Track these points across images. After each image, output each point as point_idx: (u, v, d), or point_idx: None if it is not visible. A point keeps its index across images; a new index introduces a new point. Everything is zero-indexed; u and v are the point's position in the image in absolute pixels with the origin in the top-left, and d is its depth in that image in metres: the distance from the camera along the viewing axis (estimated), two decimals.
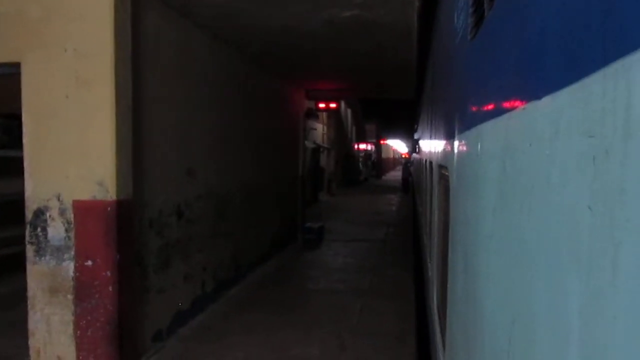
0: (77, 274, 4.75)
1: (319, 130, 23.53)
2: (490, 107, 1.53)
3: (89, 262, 4.74)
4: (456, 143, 2.53)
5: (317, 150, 22.24)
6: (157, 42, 5.66)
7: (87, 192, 4.69)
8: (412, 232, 14.31)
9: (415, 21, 6.71)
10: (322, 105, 13.10)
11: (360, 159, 42.16)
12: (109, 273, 4.74)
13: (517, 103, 1.15)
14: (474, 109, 1.94)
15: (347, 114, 34.93)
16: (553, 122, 0.86)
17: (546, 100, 0.90)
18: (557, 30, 0.88)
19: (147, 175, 5.49)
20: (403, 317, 6.88)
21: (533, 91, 1.01)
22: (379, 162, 51.08)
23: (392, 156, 72.83)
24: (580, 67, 0.73)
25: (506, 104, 1.27)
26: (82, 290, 4.76)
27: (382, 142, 53.10)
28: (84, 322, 4.78)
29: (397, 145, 69.33)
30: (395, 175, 57.60)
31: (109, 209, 4.69)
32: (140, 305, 5.43)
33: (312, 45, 7.76)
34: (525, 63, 1.12)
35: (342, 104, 30.28)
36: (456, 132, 2.55)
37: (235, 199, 8.20)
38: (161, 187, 5.81)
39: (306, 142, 19.54)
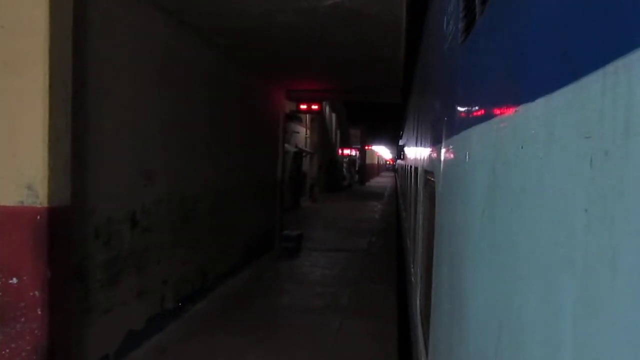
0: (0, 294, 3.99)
1: (302, 134, 22.85)
2: (481, 110, 1.50)
3: (14, 280, 3.98)
4: (443, 148, 2.52)
5: (299, 154, 21.55)
6: (107, 26, 4.94)
7: (12, 196, 3.93)
8: (395, 242, 13.70)
9: (404, 14, 6.10)
10: (303, 106, 12.42)
11: (344, 165, 41.59)
12: (37, 293, 3.98)
13: (509, 106, 1.15)
14: (463, 113, 1.92)
15: (332, 118, 34.31)
16: (547, 124, 0.86)
17: (540, 102, 0.89)
18: (552, 32, 0.88)
19: (93, 177, 4.76)
20: (384, 339, 6.22)
21: (526, 93, 1.00)
22: (363, 168, 50.53)
23: (376, 162, 72.43)
24: (577, 68, 0.72)
25: (498, 107, 1.26)
26: (5, 313, 3.99)
27: (366, 147, 52.64)
28: (7, 350, 4.01)
29: (382, 152, 69.11)
30: (379, 181, 57.21)
31: (38, 217, 3.94)
32: (82, 327, 4.69)
33: (291, 37, 7.09)
34: (518, 66, 1.11)
35: (327, 108, 29.67)
36: (444, 137, 2.54)
37: (202, 204, 7.47)
38: (111, 191, 5.07)
39: (287, 145, 18.86)
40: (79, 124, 4.47)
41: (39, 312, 3.99)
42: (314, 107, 12.33)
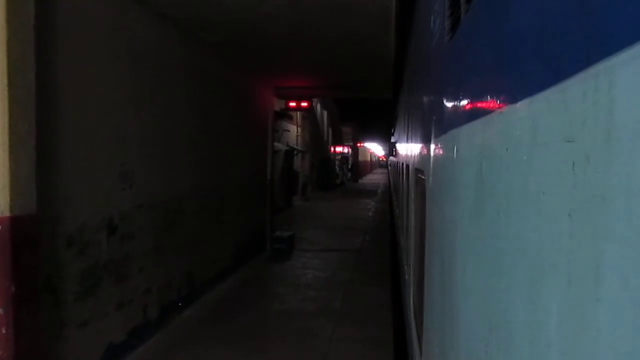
0: None
1: (293, 132, 22.53)
2: (467, 110, 1.51)
3: None
4: (432, 147, 2.52)
5: (290, 152, 21.21)
6: (77, 19, 4.60)
7: None
8: (389, 241, 13.43)
9: (394, 4, 5.80)
10: (292, 104, 12.10)
11: (337, 163, 41.30)
12: (1, 310, 3.66)
13: (493, 106, 1.14)
14: (450, 112, 1.91)
15: (323, 116, 34.00)
16: (531, 126, 0.85)
17: (523, 104, 0.89)
18: (536, 32, 0.86)
19: (64, 181, 4.43)
20: (379, 346, 5.94)
21: (510, 95, 1.01)
22: (356, 166, 50.26)
23: (369, 159, 72.21)
24: (559, 70, 0.72)
25: (483, 108, 1.26)
26: None
27: (359, 145, 52.37)
28: None
29: (375, 149, 68.94)
30: (372, 178, 57.00)
31: (0, 227, 3.62)
32: (57, 343, 4.37)
33: (276, 30, 6.77)
34: (502, 66, 1.10)
35: (318, 106, 29.36)
36: (432, 136, 2.53)
37: (188, 206, 7.14)
38: (85, 196, 4.74)
39: (278, 144, 18.53)
40: (48, 125, 4.14)
41: (4, 332, 3.67)
42: (304, 104, 12.02)
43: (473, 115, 1.37)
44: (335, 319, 6.89)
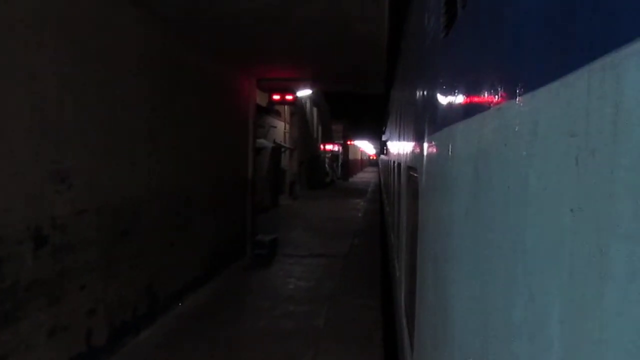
0: None
1: (280, 128, 21.56)
2: (462, 107, 1.51)
3: None
4: (426, 144, 2.53)
5: (277, 150, 20.24)
6: None
7: None
8: (380, 244, 12.56)
9: None
10: (276, 96, 11.14)
11: (327, 160, 40.37)
12: None
13: (492, 102, 1.12)
14: (445, 109, 1.91)
15: (313, 112, 33.01)
16: (531, 121, 0.84)
17: (524, 99, 0.88)
18: (537, 26, 0.85)
19: None
20: None
21: (509, 90, 0.99)
22: (347, 164, 49.34)
23: (359, 157, 71.36)
24: (561, 64, 0.71)
25: (480, 104, 1.24)
26: None
27: (349, 143, 51.50)
28: None
29: (365, 147, 68.22)
30: (363, 177, 56.19)
31: None
32: None
33: (256, 11, 5.83)
34: (502, 61, 1.09)
35: (308, 103, 28.39)
36: (426, 133, 2.54)
37: (148, 210, 6.19)
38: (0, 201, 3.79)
39: (264, 141, 17.56)
40: None
41: None
42: (288, 97, 11.07)
43: (470, 110, 1.36)
44: (316, 341, 5.98)
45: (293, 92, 11.08)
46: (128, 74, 5.69)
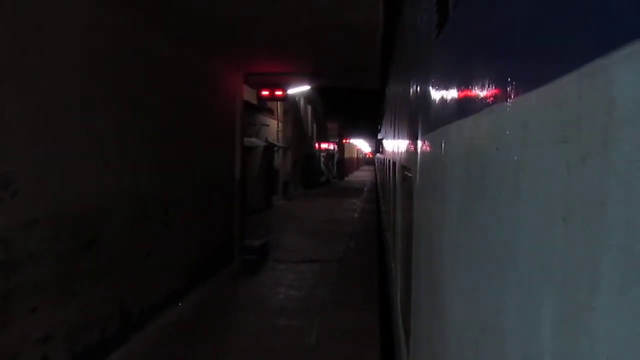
0: None
1: (273, 126, 20.89)
2: (454, 108, 1.48)
3: None
4: (420, 144, 2.55)
5: (270, 149, 19.58)
6: None
7: None
8: (377, 247, 11.94)
9: None
10: (265, 92, 10.49)
11: (322, 159, 39.71)
12: None
13: (482, 105, 1.10)
14: (437, 110, 1.91)
15: (308, 110, 32.32)
16: (522, 125, 0.83)
17: (514, 103, 0.86)
18: (528, 29, 0.84)
19: None
20: None
21: (499, 93, 0.96)
22: (342, 162, 48.69)
23: (355, 156, 70.71)
24: (551, 68, 0.70)
25: (471, 106, 1.23)
26: None
27: (345, 141, 50.88)
28: None
29: (361, 145, 67.66)
30: (359, 175, 55.59)
31: None
32: None
33: None
34: (492, 63, 1.07)
35: (302, 100, 27.72)
36: (420, 133, 2.57)
37: (116, 217, 5.54)
38: None
39: (255, 139, 16.91)
40: None
41: None
42: (278, 92, 10.43)
43: (461, 112, 1.35)
44: None
45: (283, 88, 10.43)
46: (88, 65, 5.03)
